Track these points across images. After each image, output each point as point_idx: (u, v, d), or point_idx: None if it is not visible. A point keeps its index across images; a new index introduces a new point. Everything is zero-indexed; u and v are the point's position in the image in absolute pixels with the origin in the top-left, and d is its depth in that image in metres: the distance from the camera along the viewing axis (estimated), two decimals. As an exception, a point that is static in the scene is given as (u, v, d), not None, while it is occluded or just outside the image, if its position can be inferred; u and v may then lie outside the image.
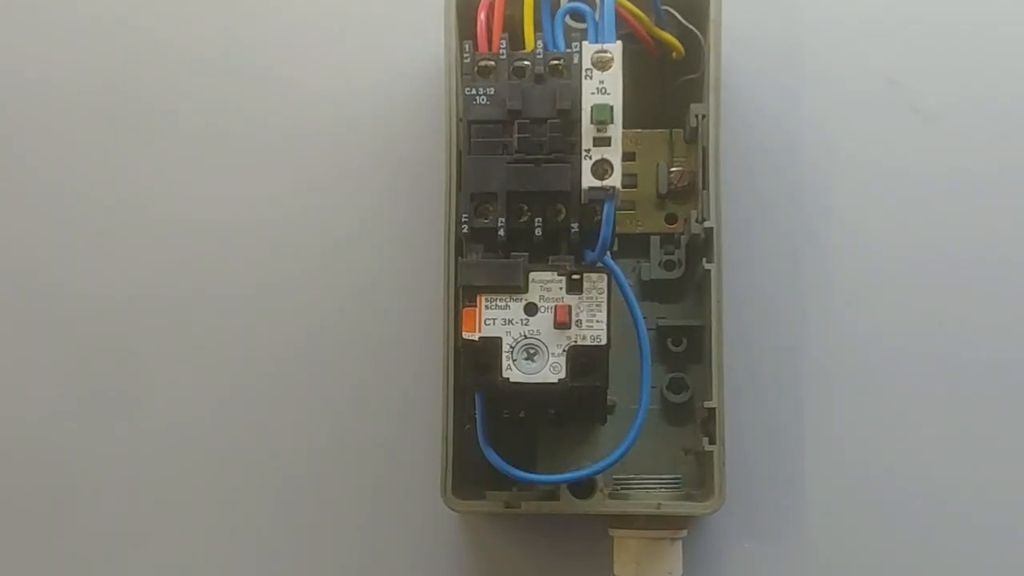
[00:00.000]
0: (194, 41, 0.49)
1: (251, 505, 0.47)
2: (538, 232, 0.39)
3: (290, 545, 0.47)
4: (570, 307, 0.39)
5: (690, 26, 0.43)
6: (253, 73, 0.48)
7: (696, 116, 0.43)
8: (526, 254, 0.39)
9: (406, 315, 0.47)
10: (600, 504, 0.42)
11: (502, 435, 0.41)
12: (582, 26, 0.41)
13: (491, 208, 0.39)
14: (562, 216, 0.39)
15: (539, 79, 0.39)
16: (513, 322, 0.39)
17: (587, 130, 0.38)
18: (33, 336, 0.48)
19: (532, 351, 0.39)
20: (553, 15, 0.41)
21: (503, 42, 0.40)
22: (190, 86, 0.48)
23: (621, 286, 0.40)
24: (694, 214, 0.44)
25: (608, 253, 0.39)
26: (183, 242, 0.48)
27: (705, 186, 0.43)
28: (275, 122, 0.48)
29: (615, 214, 0.38)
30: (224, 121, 0.48)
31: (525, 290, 0.39)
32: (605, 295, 0.39)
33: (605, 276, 0.39)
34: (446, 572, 0.46)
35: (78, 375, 0.48)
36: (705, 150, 0.43)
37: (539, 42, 0.40)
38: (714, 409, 0.42)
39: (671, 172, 0.45)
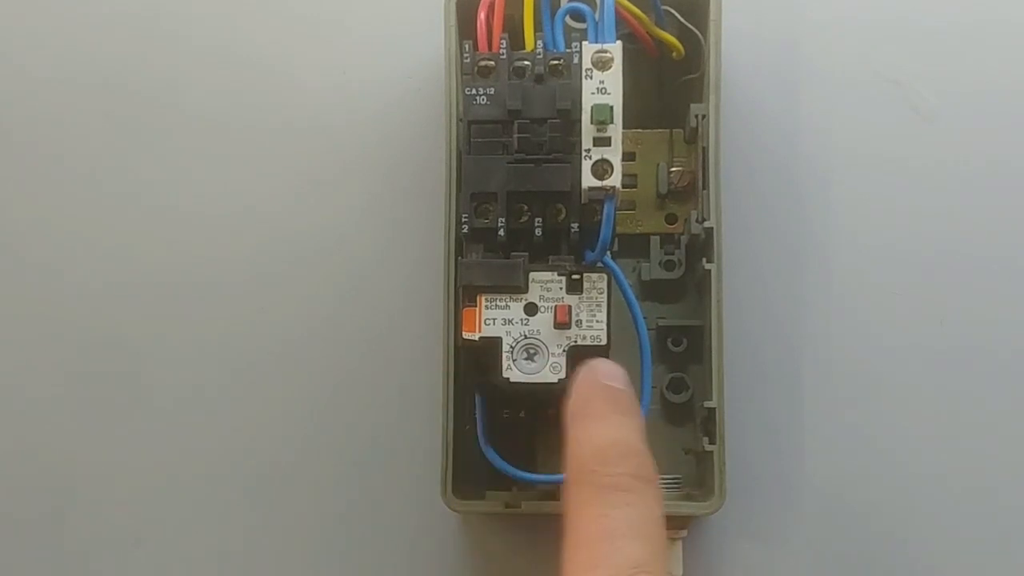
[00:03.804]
0: (194, 40, 0.49)
1: (250, 505, 0.47)
2: (538, 232, 0.39)
3: (289, 545, 0.47)
4: (570, 307, 0.39)
5: (690, 26, 0.44)
6: (253, 73, 0.48)
7: (696, 116, 0.43)
8: (526, 254, 0.39)
9: (406, 315, 0.47)
10: (600, 504, 0.42)
11: (502, 435, 0.41)
12: (582, 26, 0.41)
13: (491, 208, 0.39)
14: (562, 216, 0.39)
15: (539, 79, 0.39)
16: (513, 322, 0.39)
17: (587, 130, 0.38)
18: (29, 328, 0.48)
19: (532, 351, 0.39)
20: (553, 15, 0.41)
21: (503, 42, 0.40)
22: (190, 85, 0.48)
23: (621, 286, 0.40)
24: (694, 214, 0.44)
25: (608, 253, 0.39)
26: (183, 244, 0.48)
27: (705, 186, 0.43)
28: (274, 122, 0.48)
29: (615, 214, 0.38)
30: (224, 122, 0.48)
31: (525, 290, 0.39)
32: (605, 295, 0.39)
33: (605, 276, 0.39)
34: (446, 572, 0.46)
35: (76, 369, 0.48)
36: (705, 150, 0.43)
37: (539, 42, 0.40)
38: (714, 409, 0.42)
39: (671, 172, 0.45)
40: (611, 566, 0.32)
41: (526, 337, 0.39)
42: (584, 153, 0.38)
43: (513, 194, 0.39)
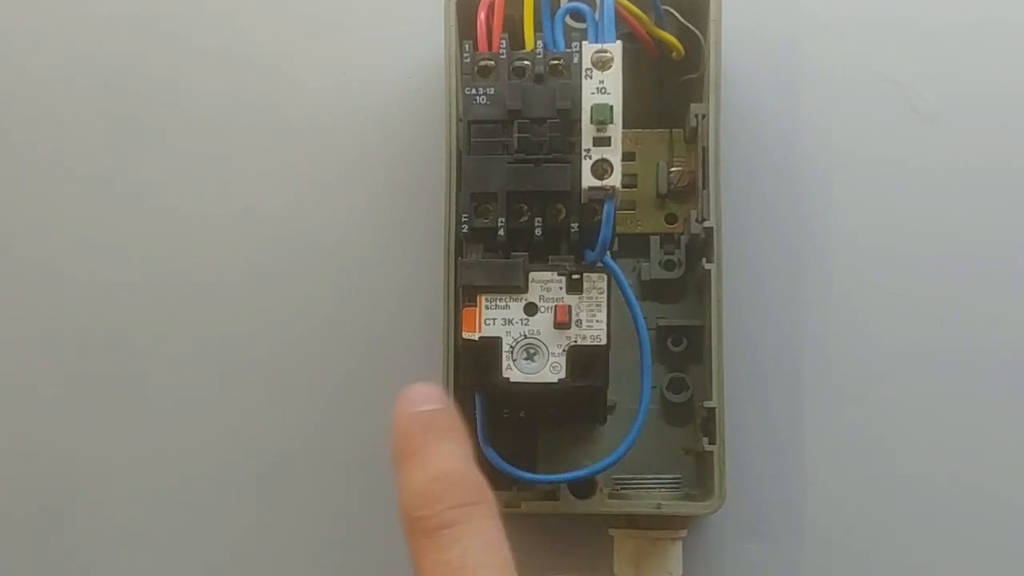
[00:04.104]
0: (194, 40, 0.49)
1: (250, 505, 0.47)
2: (538, 232, 0.39)
3: (289, 545, 0.47)
4: (570, 307, 0.39)
5: (690, 26, 0.43)
6: (253, 73, 0.48)
7: (696, 116, 0.43)
8: (526, 254, 0.39)
9: (406, 315, 0.47)
10: (600, 504, 0.42)
11: (502, 435, 0.41)
12: (582, 26, 0.41)
13: (491, 208, 0.39)
14: (562, 216, 0.39)
15: (539, 79, 0.39)
16: (513, 322, 0.39)
17: (587, 130, 0.38)
18: (29, 328, 0.48)
19: (532, 351, 0.39)
20: (553, 15, 0.41)
21: (503, 42, 0.40)
22: (190, 85, 0.48)
23: (621, 286, 0.40)
24: (694, 214, 0.44)
25: (608, 253, 0.39)
26: (183, 244, 0.48)
27: (705, 186, 0.43)
28: (275, 122, 0.48)
29: (615, 214, 0.38)
30: (224, 122, 0.48)
31: (525, 290, 0.39)
32: (605, 295, 0.39)
33: (605, 276, 0.39)
34: (446, 572, 0.46)
35: (76, 369, 0.48)
36: (705, 150, 0.43)
37: (539, 42, 0.40)
38: (714, 409, 0.42)
39: (671, 172, 0.45)
40: None
41: (526, 337, 0.39)
42: (584, 153, 0.38)
43: (513, 194, 0.39)
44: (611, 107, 0.38)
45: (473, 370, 0.39)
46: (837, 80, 0.47)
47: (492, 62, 0.40)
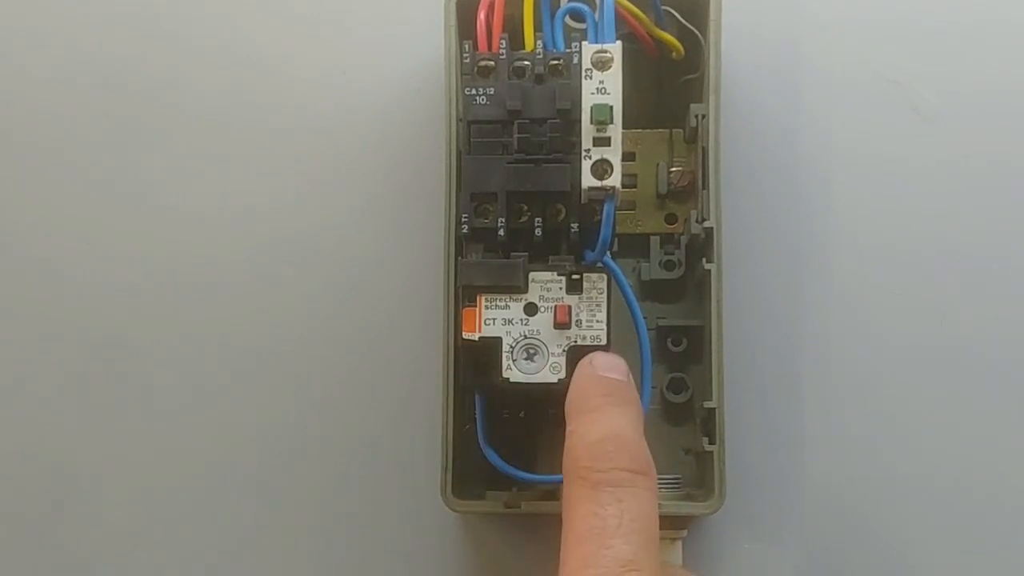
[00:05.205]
0: (194, 40, 0.49)
1: (250, 506, 0.47)
2: (538, 232, 0.39)
3: (289, 545, 0.47)
4: (570, 307, 0.39)
5: (690, 26, 0.44)
6: (253, 73, 0.48)
7: (696, 116, 0.43)
8: (526, 254, 0.39)
9: (406, 315, 0.47)
10: (600, 504, 0.42)
11: (502, 435, 0.41)
12: (582, 26, 0.41)
13: (491, 208, 0.39)
14: (562, 216, 0.39)
15: (539, 79, 0.39)
16: (513, 322, 0.39)
17: (587, 130, 0.38)
18: (29, 328, 0.48)
19: (532, 351, 0.39)
20: (553, 15, 0.41)
21: (503, 42, 0.40)
22: (190, 85, 0.49)
23: (621, 286, 0.40)
24: (694, 214, 0.44)
25: (608, 253, 0.39)
26: (183, 244, 0.48)
27: (705, 186, 0.43)
28: (275, 122, 0.48)
29: (615, 214, 0.38)
30: (224, 122, 0.48)
31: (525, 290, 0.39)
32: (605, 295, 0.39)
33: (605, 276, 0.39)
34: (446, 572, 0.46)
35: (76, 369, 0.48)
36: (705, 150, 0.43)
37: (539, 42, 0.40)
38: (714, 409, 0.42)
39: (671, 172, 0.45)
40: (601, 565, 0.33)
41: (526, 337, 0.39)
42: (584, 153, 0.38)
43: (513, 194, 0.39)
44: (611, 107, 0.38)
45: (473, 370, 0.39)
46: (837, 80, 0.47)
47: (492, 62, 0.40)
